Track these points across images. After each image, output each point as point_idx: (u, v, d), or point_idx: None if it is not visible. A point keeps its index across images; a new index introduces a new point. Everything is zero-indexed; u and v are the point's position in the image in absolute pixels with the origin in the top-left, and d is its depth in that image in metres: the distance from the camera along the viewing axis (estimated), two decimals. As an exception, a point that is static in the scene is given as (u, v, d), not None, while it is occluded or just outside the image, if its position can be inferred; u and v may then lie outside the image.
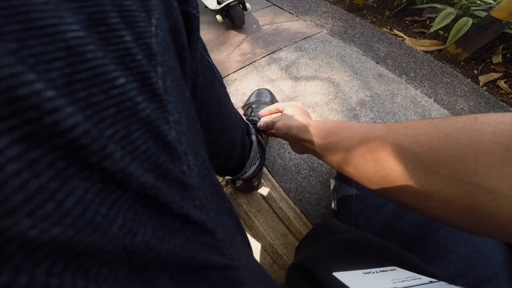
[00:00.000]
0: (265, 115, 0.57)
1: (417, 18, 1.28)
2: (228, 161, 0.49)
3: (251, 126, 0.62)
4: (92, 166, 0.09)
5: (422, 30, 1.24)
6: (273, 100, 0.83)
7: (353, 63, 1.03)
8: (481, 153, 0.18)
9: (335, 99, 0.93)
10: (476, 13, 1.10)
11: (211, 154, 0.42)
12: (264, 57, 1.05)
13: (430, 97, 0.96)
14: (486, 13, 1.05)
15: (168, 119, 0.13)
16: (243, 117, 0.63)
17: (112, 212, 0.10)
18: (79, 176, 0.09)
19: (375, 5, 1.34)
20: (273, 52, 1.07)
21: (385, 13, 1.29)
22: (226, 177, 0.61)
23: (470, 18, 1.07)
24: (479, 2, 1.13)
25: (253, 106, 0.76)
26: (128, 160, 0.10)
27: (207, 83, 0.34)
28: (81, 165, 0.09)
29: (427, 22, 1.27)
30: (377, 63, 1.04)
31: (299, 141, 0.41)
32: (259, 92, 0.84)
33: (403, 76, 1.02)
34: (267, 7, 1.31)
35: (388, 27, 1.25)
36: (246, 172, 0.58)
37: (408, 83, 0.99)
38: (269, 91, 0.84)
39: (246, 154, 0.55)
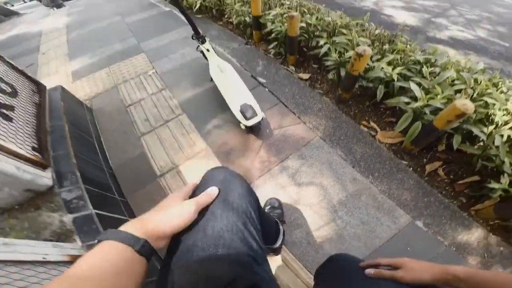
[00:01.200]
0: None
1: (389, 106, 1.71)
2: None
3: (279, 222, 1.26)
4: None
5: (391, 119, 1.69)
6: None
7: (337, 169, 1.56)
8: None
9: (323, 200, 1.51)
10: (426, 117, 1.53)
11: None
12: (277, 165, 1.57)
13: (385, 193, 1.53)
14: (434, 116, 1.48)
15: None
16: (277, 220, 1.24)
17: None
18: None
19: (358, 92, 1.74)
20: (283, 160, 1.58)
21: (365, 103, 1.70)
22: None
23: (420, 123, 1.53)
24: (428, 106, 1.53)
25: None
26: None
27: None
28: None
29: (397, 109, 1.70)
30: (353, 167, 1.57)
31: None
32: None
33: (370, 177, 1.56)
34: (275, 105, 1.72)
35: (366, 118, 1.69)
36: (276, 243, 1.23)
37: (371, 183, 1.54)
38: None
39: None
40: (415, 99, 1.56)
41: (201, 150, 1.66)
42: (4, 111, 1.21)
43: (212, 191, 0.57)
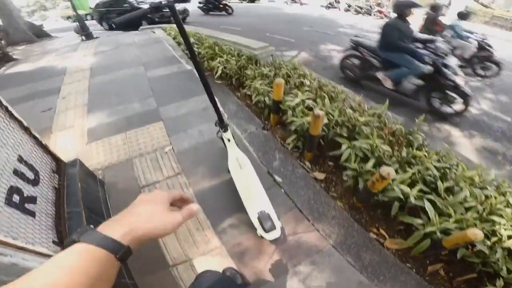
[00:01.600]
0: None
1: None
2: None
3: None
4: None
5: (400, 227, 1.78)
6: None
7: (345, 274, 1.65)
8: None
9: (332, 302, 1.56)
10: (435, 236, 1.62)
11: None
12: (289, 269, 1.63)
13: (389, 296, 1.59)
14: (443, 235, 1.57)
15: None
16: None
17: None
18: None
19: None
20: (295, 265, 1.65)
21: (377, 211, 1.80)
22: None
23: (429, 240, 1.61)
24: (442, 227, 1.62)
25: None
26: None
27: None
28: None
29: (406, 217, 1.80)
30: (361, 273, 1.65)
31: None
32: None
33: (375, 280, 1.63)
34: (291, 210, 1.84)
35: (376, 225, 1.78)
36: None
37: (376, 285, 1.61)
38: None
39: None
40: (427, 215, 1.66)
41: (215, 247, 1.74)
42: (27, 206, 1.22)
43: (195, 207, 0.57)
